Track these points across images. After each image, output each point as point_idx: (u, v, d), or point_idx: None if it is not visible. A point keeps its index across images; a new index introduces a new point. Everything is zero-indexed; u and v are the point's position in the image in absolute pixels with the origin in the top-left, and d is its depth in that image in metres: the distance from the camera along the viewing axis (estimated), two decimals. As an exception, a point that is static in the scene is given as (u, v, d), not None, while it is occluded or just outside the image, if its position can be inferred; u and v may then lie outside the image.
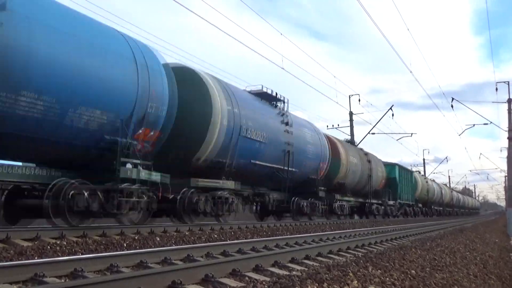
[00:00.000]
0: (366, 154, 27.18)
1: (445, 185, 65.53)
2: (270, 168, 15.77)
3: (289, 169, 16.68)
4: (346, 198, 23.67)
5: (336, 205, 21.93)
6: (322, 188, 19.75)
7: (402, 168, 34.69)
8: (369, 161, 26.42)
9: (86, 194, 9.06)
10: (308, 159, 18.63)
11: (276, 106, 17.14)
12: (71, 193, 8.87)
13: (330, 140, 21.96)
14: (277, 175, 16.30)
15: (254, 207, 17.12)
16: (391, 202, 30.92)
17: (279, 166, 16.30)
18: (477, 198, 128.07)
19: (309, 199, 18.85)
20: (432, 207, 48.23)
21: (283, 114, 17.11)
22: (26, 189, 9.51)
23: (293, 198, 17.67)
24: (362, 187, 25.79)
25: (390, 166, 32.48)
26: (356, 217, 27.56)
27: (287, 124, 17.15)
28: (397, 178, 32.51)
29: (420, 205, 41.45)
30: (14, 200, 9.37)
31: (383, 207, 29.09)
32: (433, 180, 54.76)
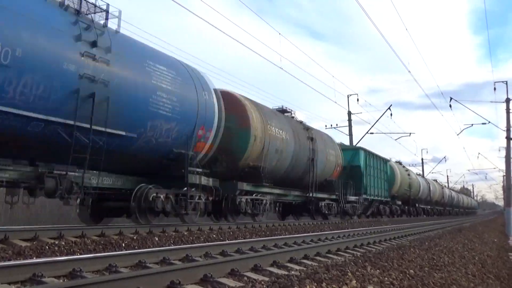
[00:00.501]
0: (308, 129, 19.46)
1: (435, 181, 56.55)
2: (33, 122, 8.08)
3: (96, 128, 9.03)
4: (266, 190, 15.72)
5: (243, 200, 14.45)
6: (200, 170, 12.05)
7: (371, 154, 27.16)
8: (311, 139, 19.00)
9: None
10: (164, 119, 10.59)
11: None
12: None
13: (228, 96, 14.18)
14: (60, 139, 8.56)
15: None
16: (352, 198, 23.53)
17: (67, 121, 8.57)
18: (475, 197, 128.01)
19: (181, 189, 11.67)
20: (418, 205, 41.29)
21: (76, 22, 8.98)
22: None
23: (138, 186, 10.83)
24: (301, 175, 18.52)
25: (351, 151, 25.55)
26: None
27: (94, 44, 9.08)
28: (362, 166, 25.24)
29: (399, 202, 33.92)
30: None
31: (340, 205, 22.02)
32: (420, 174, 47.77)
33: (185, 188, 11.65)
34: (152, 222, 11.07)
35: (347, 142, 32.08)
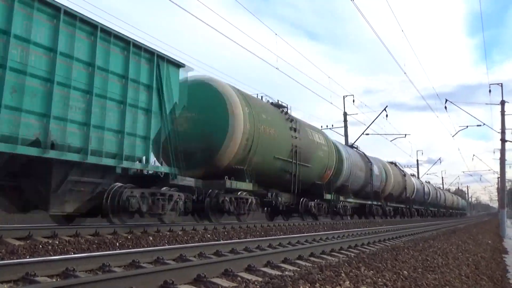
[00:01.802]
0: None
1: (394, 164, 36.80)
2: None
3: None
4: None
5: None
6: None
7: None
8: None
9: None
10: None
11: None
12: None
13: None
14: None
15: None
16: None
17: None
18: (470, 198, 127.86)
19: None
20: (339, 200, 23.11)
21: None
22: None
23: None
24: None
25: None
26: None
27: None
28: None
29: (245, 185, 14.48)
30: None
31: None
32: (355, 147, 29.36)
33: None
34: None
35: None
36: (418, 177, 50.76)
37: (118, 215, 10.24)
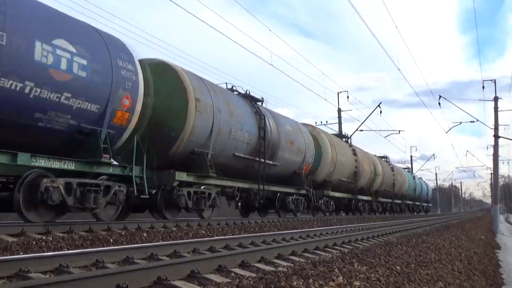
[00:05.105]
0: None
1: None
2: None
3: None
4: None
5: None
6: None
7: None
8: None
9: None
10: None
11: None
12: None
13: None
14: None
15: None
16: None
17: None
18: (463, 194, 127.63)
19: None
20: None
21: None
22: None
23: None
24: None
25: None
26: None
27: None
28: None
29: None
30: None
31: None
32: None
33: None
34: None
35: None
36: (412, 173, 51.02)
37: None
